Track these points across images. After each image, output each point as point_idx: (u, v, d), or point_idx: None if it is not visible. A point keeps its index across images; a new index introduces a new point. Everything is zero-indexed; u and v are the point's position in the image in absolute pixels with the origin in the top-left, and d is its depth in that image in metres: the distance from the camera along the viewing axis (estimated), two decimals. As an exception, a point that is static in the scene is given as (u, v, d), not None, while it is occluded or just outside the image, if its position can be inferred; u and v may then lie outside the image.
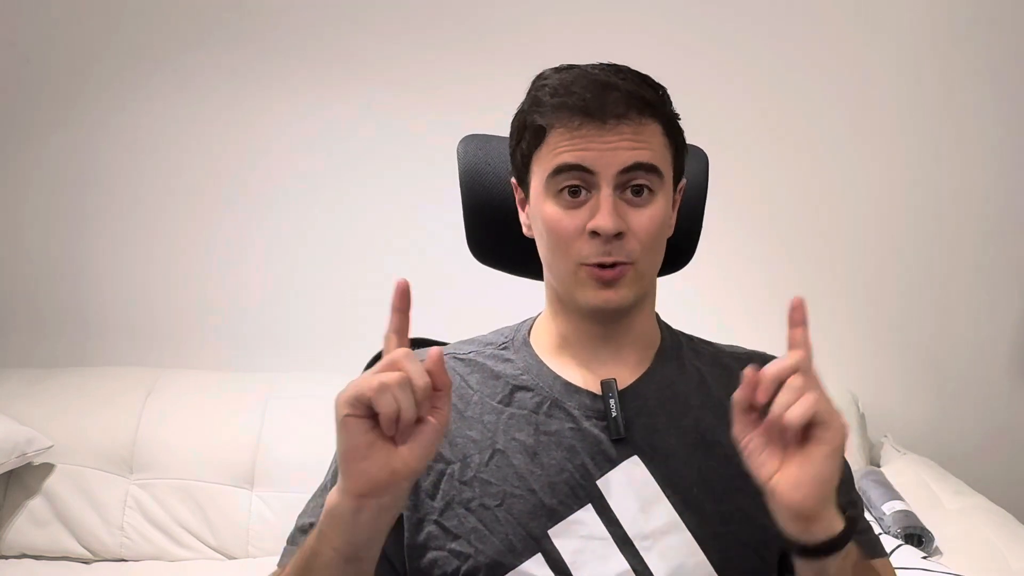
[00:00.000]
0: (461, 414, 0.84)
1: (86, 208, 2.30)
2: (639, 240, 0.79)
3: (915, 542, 1.65)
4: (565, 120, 0.79)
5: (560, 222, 0.80)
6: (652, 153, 0.79)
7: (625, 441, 0.81)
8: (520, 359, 0.87)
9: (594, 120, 0.78)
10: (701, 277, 1.59)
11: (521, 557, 0.78)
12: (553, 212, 0.80)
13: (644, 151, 0.79)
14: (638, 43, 2.13)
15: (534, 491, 0.80)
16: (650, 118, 0.80)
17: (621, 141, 0.78)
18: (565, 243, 0.80)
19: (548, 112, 0.80)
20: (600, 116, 0.78)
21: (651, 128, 0.80)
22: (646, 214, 0.80)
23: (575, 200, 0.79)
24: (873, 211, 2.29)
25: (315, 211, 2.30)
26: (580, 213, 0.79)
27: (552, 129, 0.80)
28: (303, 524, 0.85)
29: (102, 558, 1.94)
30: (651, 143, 0.80)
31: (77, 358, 2.27)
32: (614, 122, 0.78)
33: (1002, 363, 2.32)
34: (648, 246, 0.80)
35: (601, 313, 0.83)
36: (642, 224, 0.79)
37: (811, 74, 2.26)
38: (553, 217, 0.80)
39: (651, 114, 0.80)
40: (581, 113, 0.78)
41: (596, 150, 0.78)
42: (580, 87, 0.79)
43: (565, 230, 0.80)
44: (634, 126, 0.78)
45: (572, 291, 0.82)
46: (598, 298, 0.80)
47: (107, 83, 2.29)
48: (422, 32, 2.27)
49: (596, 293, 0.80)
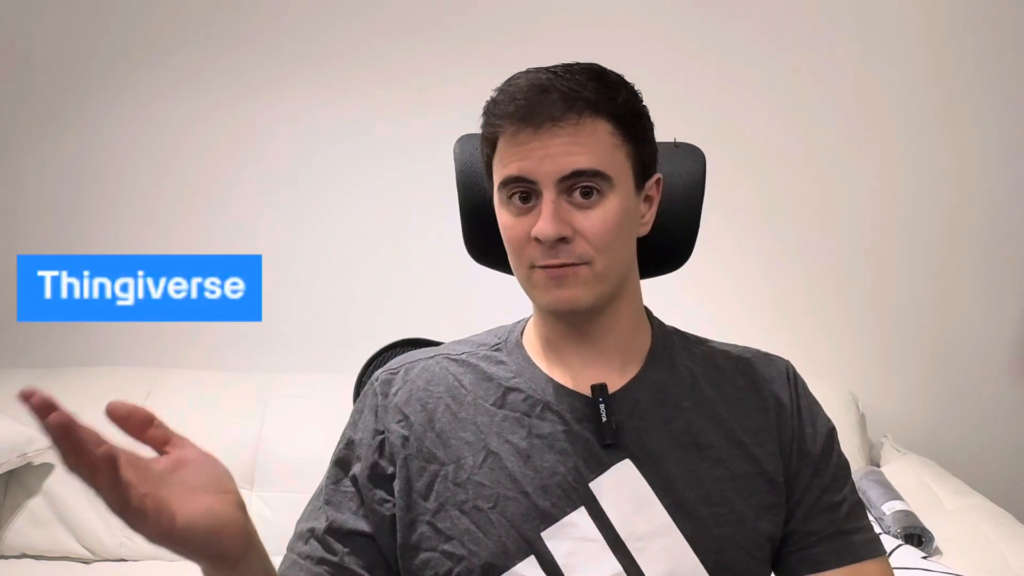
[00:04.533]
0: (455, 415, 0.84)
1: (84, 206, 2.30)
2: (590, 242, 0.78)
3: (915, 542, 1.65)
4: (506, 127, 0.79)
5: (512, 229, 0.80)
6: (593, 157, 0.77)
7: (616, 445, 0.81)
8: (513, 361, 0.87)
9: (529, 125, 0.77)
10: (700, 277, 1.58)
11: (514, 559, 0.78)
12: (506, 219, 0.81)
13: (583, 155, 0.77)
14: (635, 43, 2.14)
15: (527, 493, 0.80)
16: (592, 117, 0.78)
17: (559, 146, 0.77)
18: (518, 248, 0.81)
19: (494, 121, 0.80)
20: (534, 121, 0.77)
21: (592, 127, 0.78)
22: (595, 215, 0.78)
23: (525, 206, 0.80)
24: (873, 211, 2.29)
25: (314, 210, 2.30)
26: (528, 219, 0.79)
27: (499, 137, 0.80)
28: (301, 530, 0.85)
29: (102, 558, 1.94)
30: (594, 145, 0.78)
31: (77, 358, 2.27)
32: (549, 125, 0.77)
33: (1002, 363, 2.31)
34: (601, 247, 0.79)
35: (560, 313, 0.83)
36: (590, 226, 0.78)
37: (810, 74, 2.25)
38: (506, 224, 0.81)
39: (593, 113, 0.78)
40: (518, 120, 0.78)
41: (535, 159, 0.77)
42: (521, 93, 0.78)
43: (516, 237, 0.80)
44: (571, 128, 0.77)
45: (532, 294, 0.83)
46: (553, 298, 0.80)
47: (106, 83, 2.29)
48: (419, 31, 2.27)
49: (551, 293, 0.80)
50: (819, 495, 0.84)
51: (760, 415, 0.85)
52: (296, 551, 0.83)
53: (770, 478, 0.83)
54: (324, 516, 0.84)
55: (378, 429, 0.85)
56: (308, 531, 0.84)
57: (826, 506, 0.84)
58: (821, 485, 0.84)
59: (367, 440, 0.85)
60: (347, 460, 0.86)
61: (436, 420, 0.84)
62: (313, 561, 0.81)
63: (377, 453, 0.84)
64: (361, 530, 0.83)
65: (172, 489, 0.62)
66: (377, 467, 0.84)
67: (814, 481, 0.84)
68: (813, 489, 0.84)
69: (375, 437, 0.85)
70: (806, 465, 0.84)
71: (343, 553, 0.82)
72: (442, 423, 0.84)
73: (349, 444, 0.86)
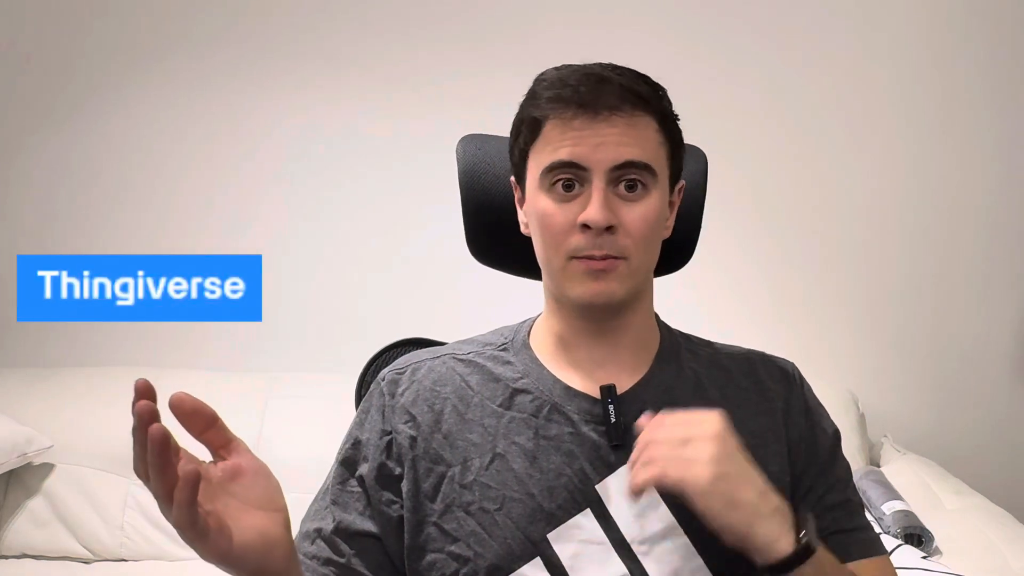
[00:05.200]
0: (462, 416, 0.84)
1: (84, 206, 2.30)
2: (630, 235, 0.79)
3: (915, 542, 1.65)
4: (560, 111, 0.79)
5: (553, 216, 0.80)
6: (644, 151, 0.79)
7: (623, 445, 0.81)
8: (520, 362, 0.87)
9: (587, 111, 0.78)
10: (700, 277, 1.58)
11: (520, 561, 0.78)
12: (546, 206, 0.80)
13: (635, 147, 0.78)
14: (637, 43, 2.13)
15: (533, 495, 0.80)
16: (644, 112, 0.80)
17: (614, 135, 0.78)
18: (557, 237, 0.80)
19: (543, 104, 0.80)
20: (593, 107, 0.78)
21: (644, 122, 0.80)
22: (638, 210, 0.79)
23: (568, 194, 0.79)
24: (873, 211, 2.29)
25: (314, 210, 2.30)
26: (572, 207, 0.79)
27: (547, 121, 0.80)
28: (307, 530, 0.85)
29: (102, 558, 1.94)
30: (644, 139, 0.79)
31: (77, 358, 2.27)
32: (607, 113, 0.78)
33: (1002, 363, 2.31)
34: (640, 242, 0.80)
35: (592, 308, 0.82)
36: (634, 219, 0.79)
37: (811, 75, 2.26)
38: (546, 211, 0.80)
39: (645, 108, 0.80)
40: (575, 104, 0.78)
41: (589, 145, 0.78)
42: (575, 80, 0.79)
43: (557, 224, 0.80)
44: (627, 118, 0.78)
45: (563, 285, 0.82)
46: (588, 291, 0.80)
47: (106, 83, 2.29)
48: (421, 31, 2.27)
49: (586, 286, 0.80)
50: (822, 495, 0.84)
51: (765, 416, 0.86)
52: (302, 551, 0.83)
53: (774, 479, 0.83)
54: (331, 516, 0.84)
55: (385, 429, 0.85)
56: (315, 531, 0.84)
57: (829, 506, 0.84)
58: (825, 485, 0.85)
59: (374, 440, 0.85)
60: (354, 460, 0.86)
61: (443, 421, 0.84)
62: (320, 562, 0.81)
63: (385, 454, 0.84)
64: (368, 531, 0.83)
65: (228, 503, 0.64)
66: (385, 468, 0.84)
67: (819, 481, 0.85)
68: (817, 489, 0.84)
69: (382, 438, 0.85)
70: (813, 465, 0.85)
71: (350, 554, 0.82)
72: (449, 424, 0.84)
73: (356, 444, 0.86)
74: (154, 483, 0.59)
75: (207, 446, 0.66)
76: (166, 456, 0.59)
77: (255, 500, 0.65)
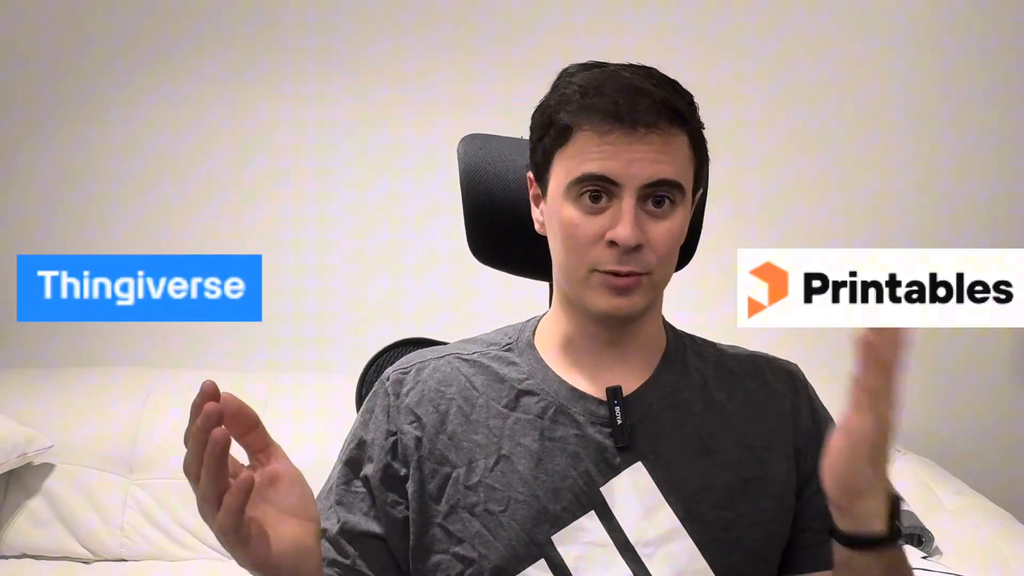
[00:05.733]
0: (467, 417, 0.84)
1: (84, 206, 2.30)
2: (656, 252, 0.78)
3: (915, 542, 1.64)
4: (595, 123, 0.76)
5: (579, 227, 0.78)
6: (677, 169, 0.78)
7: (629, 447, 0.81)
8: (525, 362, 0.87)
9: (624, 127, 0.76)
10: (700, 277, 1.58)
11: (524, 563, 0.78)
12: (572, 215, 0.78)
13: (669, 166, 0.77)
14: (639, 43, 2.13)
15: (538, 497, 0.80)
16: (679, 129, 0.78)
17: (649, 152, 0.76)
18: (581, 248, 0.78)
19: (576, 112, 0.78)
20: (631, 123, 0.75)
21: (679, 141, 0.78)
22: (665, 226, 0.78)
23: (596, 206, 0.78)
24: (872, 211, 2.29)
25: (314, 210, 2.30)
26: (600, 220, 0.77)
27: (579, 130, 0.77)
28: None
29: (102, 558, 1.94)
30: (677, 157, 0.78)
31: (77, 358, 2.26)
32: (643, 131, 0.76)
33: (1002, 363, 2.31)
34: (665, 258, 0.79)
35: (611, 319, 0.82)
36: (661, 236, 0.78)
37: (813, 75, 2.25)
38: (572, 221, 0.78)
39: (681, 126, 0.78)
40: (612, 118, 0.76)
41: (623, 160, 0.76)
42: (612, 89, 0.77)
43: (583, 235, 0.78)
44: (663, 136, 0.76)
45: (583, 295, 0.81)
46: (610, 305, 0.79)
47: (106, 83, 2.29)
48: (419, 32, 2.26)
49: (608, 300, 0.79)
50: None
51: (771, 418, 0.85)
52: None
53: (780, 481, 0.83)
54: (336, 517, 0.83)
55: (391, 430, 0.84)
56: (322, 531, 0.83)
57: None
58: None
59: (380, 441, 0.84)
60: (358, 460, 0.85)
61: (448, 422, 0.84)
62: (325, 563, 0.81)
63: (390, 455, 0.84)
64: (372, 532, 0.82)
65: (266, 510, 0.64)
66: (390, 469, 0.83)
67: None
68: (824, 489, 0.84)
69: (388, 438, 0.84)
70: (821, 466, 0.84)
71: (354, 556, 0.82)
72: (454, 425, 0.83)
73: (360, 444, 0.86)
74: (205, 484, 0.60)
75: (247, 449, 0.66)
76: (223, 460, 0.60)
77: (291, 508, 0.66)
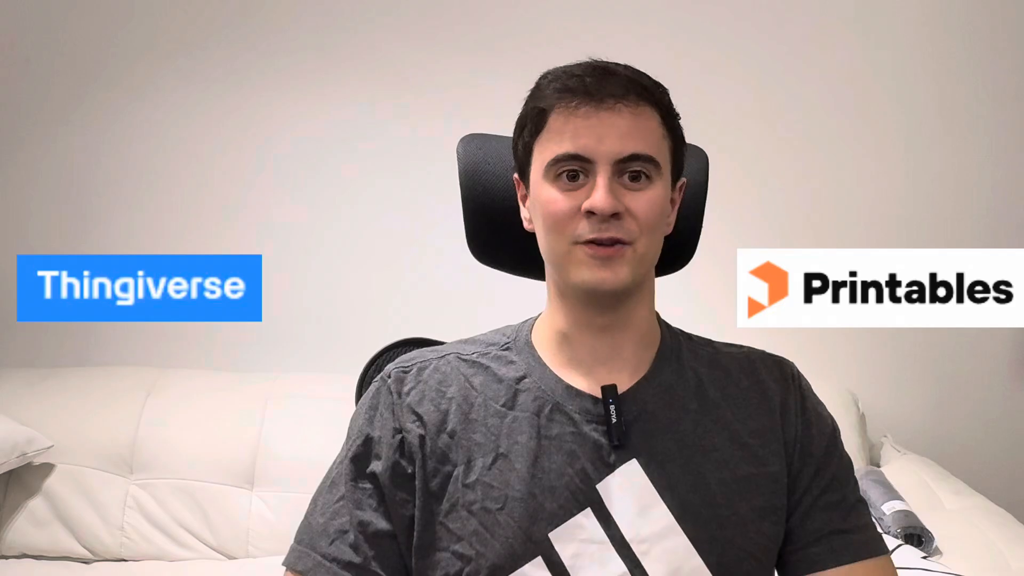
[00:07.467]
0: (466, 416, 0.84)
1: (84, 206, 2.30)
2: (637, 221, 0.79)
3: (915, 542, 1.65)
4: (565, 100, 0.79)
5: (557, 203, 0.80)
6: (648, 144, 0.80)
7: (624, 445, 0.81)
8: (522, 360, 0.87)
9: (592, 100, 0.78)
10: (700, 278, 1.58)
11: (521, 560, 0.79)
12: (551, 195, 0.81)
13: (640, 140, 0.79)
14: (638, 44, 2.13)
15: (535, 495, 0.80)
16: (648, 104, 0.80)
17: (617, 127, 0.78)
18: (561, 223, 0.80)
19: (549, 95, 0.81)
20: (598, 96, 0.78)
21: (648, 115, 0.80)
22: (644, 197, 0.80)
23: (573, 184, 0.80)
24: (872, 211, 2.29)
25: (314, 211, 2.30)
26: (577, 195, 0.80)
27: (552, 111, 0.80)
28: (323, 528, 0.84)
29: (102, 558, 1.94)
30: (648, 132, 0.80)
31: (77, 358, 2.27)
32: (611, 102, 0.78)
33: (1002, 363, 2.31)
34: (646, 228, 0.80)
35: (597, 294, 0.82)
36: (640, 206, 0.79)
37: (811, 75, 2.26)
38: (550, 199, 0.81)
39: (649, 100, 0.81)
40: (581, 93, 0.79)
41: (594, 137, 0.78)
42: (580, 70, 0.81)
43: (561, 210, 0.80)
44: (632, 108, 0.79)
45: (567, 271, 0.82)
46: (594, 277, 0.80)
47: (106, 83, 2.29)
48: (420, 34, 2.27)
49: (592, 272, 0.80)
50: (819, 494, 0.84)
51: (765, 416, 0.86)
52: (319, 551, 0.82)
53: (774, 479, 0.83)
54: (347, 515, 0.83)
55: (397, 428, 0.85)
56: (336, 531, 0.83)
57: (825, 505, 0.84)
58: (821, 485, 0.84)
59: (387, 439, 0.84)
60: (365, 457, 0.85)
61: (448, 421, 0.84)
62: (340, 565, 0.81)
63: (398, 453, 0.84)
64: (385, 530, 0.82)
65: None
66: (398, 467, 0.83)
67: (815, 481, 0.84)
68: (813, 489, 0.84)
69: (395, 436, 0.84)
70: (808, 465, 0.85)
71: (369, 556, 0.82)
72: (453, 424, 0.84)
73: (367, 441, 0.85)
74: None
75: None
76: None
77: None
